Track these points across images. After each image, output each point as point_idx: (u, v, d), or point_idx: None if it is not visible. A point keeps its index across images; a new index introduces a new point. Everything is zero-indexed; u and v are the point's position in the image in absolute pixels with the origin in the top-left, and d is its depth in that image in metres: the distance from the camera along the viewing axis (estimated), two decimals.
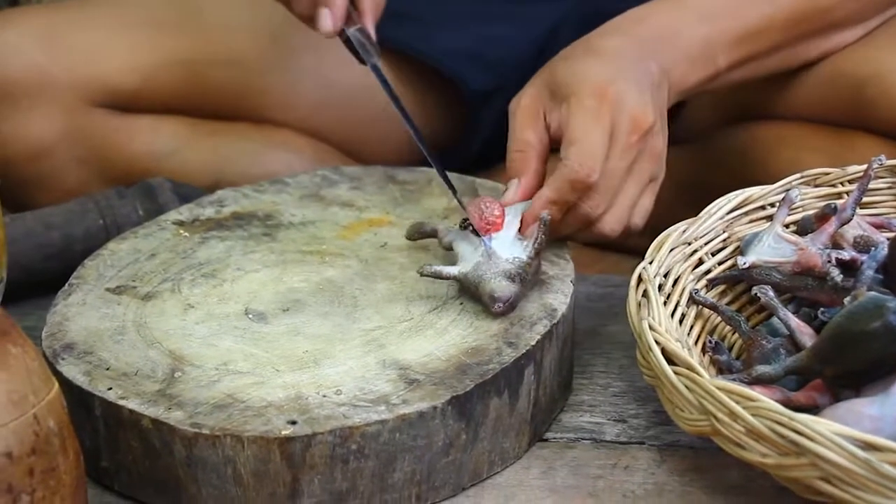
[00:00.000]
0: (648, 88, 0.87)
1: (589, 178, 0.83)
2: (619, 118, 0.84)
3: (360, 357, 0.79)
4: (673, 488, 0.78)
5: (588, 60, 0.87)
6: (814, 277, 0.83)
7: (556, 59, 0.90)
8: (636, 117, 0.85)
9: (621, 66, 0.87)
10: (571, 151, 0.84)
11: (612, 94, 0.84)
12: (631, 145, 0.85)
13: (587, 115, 0.84)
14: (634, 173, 0.86)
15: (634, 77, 0.86)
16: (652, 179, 0.87)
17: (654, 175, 0.87)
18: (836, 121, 0.99)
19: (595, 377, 0.88)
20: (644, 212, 0.88)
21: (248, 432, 0.73)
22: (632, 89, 0.85)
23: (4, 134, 1.03)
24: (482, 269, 0.81)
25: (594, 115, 0.84)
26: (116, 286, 0.87)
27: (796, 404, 0.76)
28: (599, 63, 0.87)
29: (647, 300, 0.79)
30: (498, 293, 0.79)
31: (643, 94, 0.86)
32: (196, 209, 0.96)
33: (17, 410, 0.64)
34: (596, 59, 0.87)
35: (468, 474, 0.78)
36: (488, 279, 0.80)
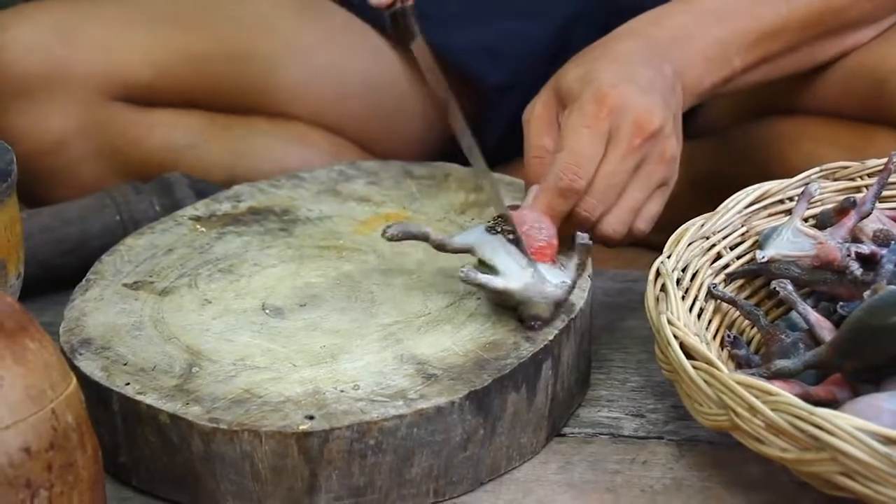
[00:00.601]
0: (659, 91, 0.86)
1: (573, 183, 0.83)
2: (621, 122, 0.84)
3: (377, 352, 0.79)
4: (692, 483, 0.77)
5: (597, 64, 0.87)
6: (833, 271, 0.83)
7: (568, 64, 0.89)
8: (640, 120, 0.84)
9: (631, 69, 0.86)
10: (557, 157, 0.84)
11: (613, 97, 0.84)
12: (634, 148, 0.84)
13: (581, 119, 0.84)
14: (640, 177, 0.85)
15: (644, 80, 0.86)
16: (662, 184, 0.87)
17: (663, 179, 0.86)
18: (855, 115, 0.98)
19: (613, 372, 0.88)
20: (650, 216, 0.87)
21: (265, 427, 0.73)
22: (637, 92, 0.84)
23: (21, 128, 1.03)
24: (531, 291, 0.79)
25: (590, 119, 0.84)
26: (134, 281, 0.87)
27: (816, 399, 0.75)
28: (608, 67, 0.86)
29: (666, 295, 0.79)
30: (544, 316, 0.80)
31: (650, 96, 0.85)
32: (213, 204, 0.96)
33: (36, 405, 0.64)
34: (605, 63, 0.87)
35: (486, 469, 0.78)
36: (537, 302, 0.79)
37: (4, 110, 1.04)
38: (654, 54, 0.88)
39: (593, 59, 0.88)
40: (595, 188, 0.84)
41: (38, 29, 1.05)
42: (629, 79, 0.85)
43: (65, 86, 1.05)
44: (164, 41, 1.08)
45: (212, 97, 1.09)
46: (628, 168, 0.84)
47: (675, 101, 0.88)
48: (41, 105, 1.05)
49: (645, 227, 0.87)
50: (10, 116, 1.03)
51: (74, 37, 1.06)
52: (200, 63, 1.09)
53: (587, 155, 0.83)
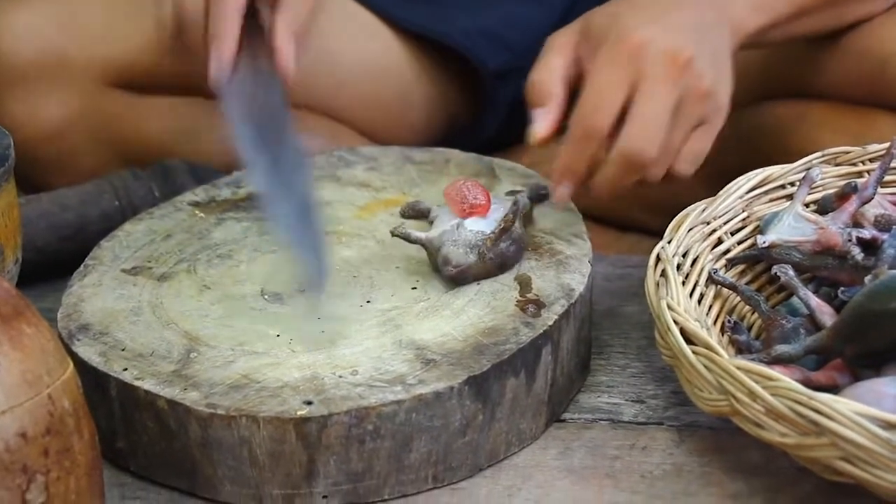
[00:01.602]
0: (690, 28, 0.83)
1: (595, 123, 0.81)
2: (648, 58, 0.81)
3: (376, 337, 0.78)
4: (691, 469, 0.77)
5: (628, 8, 0.84)
6: (834, 256, 0.82)
7: (597, 10, 0.86)
8: (668, 52, 0.81)
9: (660, 11, 0.83)
10: (580, 99, 0.82)
11: (637, 36, 0.81)
12: (669, 81, 0.81)
13: (604, 60, 0.81)
14: (678, 115, 0.82)
15: (673, 20, 0.83)
16: (702, 122, 0.83)
17: (703, 117, 0.83)
18: (856, 99, 0.98)
19: (613, 358, 0.87)
20: (693, 156, 0.84)
21: (263, 413, 0.73)
22: (662, 30, 0.82)
23: (19, 116, 1.03)
24: (446, 237, 0.82)
25: (613, 59, 0.81)
26: (132, 267, 0.87)
27: (816, 384, 0.75)
28: (636, 9, 0.84)
29: (666, 280, 0.79)
30: (451, 258, 0.81)
31: (678, 33, 0.82)
32: (212, 190, 0.96)
33: (32, 390, 0.64)
34: (637, 6, 0.84)
35: (485, 455, 0.77)
36: (448, 245, 0.82)
37: (2, 98, 1.03)
38: None
39: (624, 3, 0.85)
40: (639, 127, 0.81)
41: (35, 16, 1.05)
42: (656, 19, 0.82)
43: (62, 73, 1.05)
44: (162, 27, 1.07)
45: None
46: (667, 105, 0.81)
47: (714, 38, 0.84)
48: (39, 93, 1.05)
49: (689, 167, 0.84)
50: (8, 104, 1.03)
51: (72, 24, 1.05)
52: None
53: (609, 96, 0.81)
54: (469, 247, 0.81)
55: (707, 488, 0.76)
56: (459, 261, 0.81)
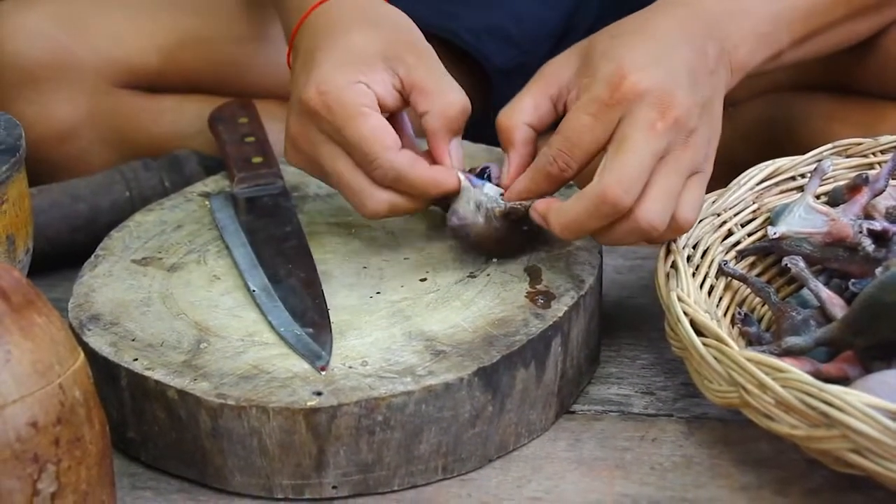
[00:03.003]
0: (690, 76, 0.79)
1: (562, 173, 0.78)
2: (637, 107, 0.77)
3: (386, 328, 0.78)
4: (701, 461, 0.77)
5: (628, 39, 0.80)
6: (845, 248, 0.82)
7: (603, 32, 0.83)
8: (660, 105, 0.76)
9: (663, 49, 0.79)
10: (553, 139, 0.79)
11: (630, 83, 0.77)
12: (656, 133, 0.77)
13: (588, 104, 0.78)
14: (669, 162, 0.78)
15: (676, 63, 0.79)
16: (695, 171, 0.79)
17: (696, 166, 0.78)
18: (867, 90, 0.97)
19: (623, 349, 0.87)
20: (693, 204, 0.79)
21: (273, 403, 0.73)
22: (660, 77, 0.78)
23: (29, 117, 1.03)
24: (465, 192, 0.81)
25: (597, 105, 0.77)
26: (142, 257, 0.87)
27: (826, 376, 0.75)
28: (637, 45, 0.79)
29: (676, 272, 0.79)
30: (459, 210, 0.81)
31: (676, 81, 0.78)
32: (222, 181, 0.96)
33: (43, 380, 0.64)
34: (636, 40, 0.80)
35: (494, 446, 0.77)
36: (463, 198, 0.81)
37: (12, 100, 1.04)
38: (699, 31, 0.81)
39: (628, 32, 0.82)
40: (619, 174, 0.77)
41: (44, 17, 1.05)
42: (656, 61, 0.79)
43: (71, 74, 1.05)
44: (171, 26, 1.07)
45: (219, 81, 1.09)
46: (652, 153, 0.77)
47: (711, 86, 0.80)
48: (48, 94, 1.05)
49: (691, 215, 0.79)
50: (18, 106, 1.03)
51: (80, 24, 1.06)
52: (207, 47, 1.08)
53: (584, 143, 0.78)
54: (479, 207, 0.81)
55: (717, 480, 0.75)
56: (465, 215, 0.81)
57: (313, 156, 0.82)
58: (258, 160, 0.95)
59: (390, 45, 0.82)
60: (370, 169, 0.80)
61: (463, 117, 0.82)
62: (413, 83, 0.82)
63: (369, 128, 0.80)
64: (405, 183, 0.80)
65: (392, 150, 0.80)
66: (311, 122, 0.81)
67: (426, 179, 0.81)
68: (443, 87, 0.82)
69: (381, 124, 0.80)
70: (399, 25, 0.85)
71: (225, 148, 0.97)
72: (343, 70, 0.81)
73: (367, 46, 0.82)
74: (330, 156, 0.81)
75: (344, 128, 0.80)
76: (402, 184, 0.80)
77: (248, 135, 0.98)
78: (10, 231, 0.81)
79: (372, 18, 0.84)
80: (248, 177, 0.93)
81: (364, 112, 0.80)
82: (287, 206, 0.90)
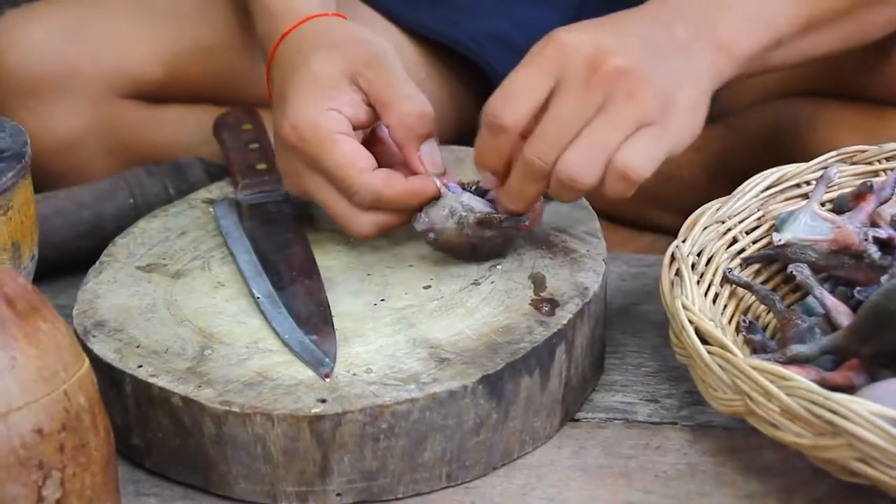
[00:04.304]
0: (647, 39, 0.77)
1: (496, 119, 0.77)
2: (570, 61, 0.75)
3: (390, 336, 0.78)
4: (706, 469, 0.77)
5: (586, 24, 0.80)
6: (850, 256, 0.82)
7: None
8: (595, 56, 0.75)
9: (616, 24, 0.79)
10: (494, 94, 0.78)
11: (564, 38, 0.76)
12: (587, 87, 0.75)
13: (526, 64, 0.77)
14: (604, 115, 0.75)
15: (624, 30, 0.78)
16: (644, 123, 0.76)
17: (641, 118, 0.75)
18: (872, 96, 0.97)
19: (627, 357, 0.87)
20: (639, 154, 0.75)
21: (277, 410, 0.73)
22: (598, 34, 0.76)
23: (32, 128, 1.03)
24: (439, 201, 0.82)
25: (529, 56, 0.77)
26: (147, 264, 0.87)
27: (832, 384, 0.75)
28: (596, 25, 0.79)
29: (681, 279, 0.79)
30: (431, 214, 0.82)
31: (619, 39, 0.76)
32: (226, 187, 0.96)
33: (48, 387, 0.64)
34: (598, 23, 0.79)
35: (499, 454, 0.77)
36: (438, 204, 0.82)
37: (15, 110, 1.04)
38: (666, 15, 0.80)
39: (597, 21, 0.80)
40: (540, 131, 0.76)
41: (47, 28, 1.05)
42: (601, 28, 0.78)
43: (75, 85, 1.05)
44: (173, 36, 1.08)
45: (222, 91, 1.09)
46: (582, 107, 0.75)
47: (681, 53, 0.78)
48: (52, 105, 1.05)
49: (637, 165, 0.75)
50: (21, 116, 1.03)
51: (83, 35, 1.06)
52: (210, 56, 1.08)
53: (516, 90, 0.76)
54: (452, 213, 0.82)
55: (721, 488, 0.75)
56: (435, 220, 0.82)
57: (301, 186, 0.84)
58: (262, 167, 0.95)
59: (349, 63, 0.84)
60: (350, 194, 0.82)
61: (422, 121, 0.82)
62: (374, 98, 0.83)
63: (341, 154, 0.81)
64: (384, 201, 0.82)
65: (365, 172, 0.81)
66: (293, 156, 0.83)
67: (403, 193, 0.82)
68: (398, 96, 0.83)
69: (352, 148, 0.82)
70: (355, 41, 0.86)
71: (229, 154, 0.97)
72: (311, 100, 0.82)
73: (330, 70, 0.83)
74: (314, 186, 0.83)
75: (319, 158, 0.82)
76: (381, 203, 0.82)
77: (252, 141, 0.98)
78: (16, 238, 0.81)
79: (329, 42, 0.86)
80: (252, 183, 0.93)
81: (336, 139, 0.82)
82: (291, 213, 0.90)
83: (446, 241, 0.83)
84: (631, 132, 0.76)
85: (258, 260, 0.85)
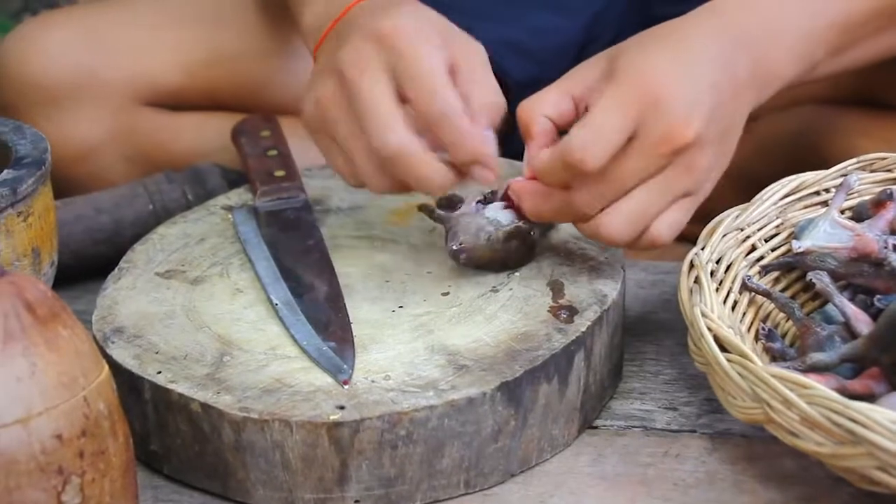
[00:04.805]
0: (712, 97, 0.78)
1: (584, 163, 0.76)
2: (651, 123, 0.76)
3: (408, 342, 0.78)
4: (725, 477, 0.77)
5: (659, 45, 0.79)
6: (870, 264, 0.82)
7: (632, 40, 0.81)
8: (672, 130, 0.76)
9: (693, 63, 0.78)
10: (578, 131, 0.77)
11: (655, 88, 0.76)
12: (658, 156, 0.77)
13: (614, 100, 0.76)
14: (658, 181, 0.78)
15: (701, 81, 0.77)
16: (687, 194, 0.79)
17: (689, 190, 0.78)
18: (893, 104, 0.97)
19: (646, 364, 0.87)
20: (672, 226, 0.79)
21: (296, 417, 0.73)
22: (684, 94, 0.77)
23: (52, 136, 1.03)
24: (463, 217, 0.83)
25: (623, 103, 0.76)
26: (166, 270, 0.87)
27: (852, 392, 0.74)
28: (668, 53, 0.78)
29: (699, 287, 0.78)
30: (460, 235, 0.82)
31: (697, 103, 0.77)
32: (245, 194, 0.96)
33: (68, 392, 0.64)
34: (668, 47, 0.78)
35: (517, 461, 0.77)
36: (463, 223, 0.82)
37: (35, 118, 1.04)
38: (734, 47, 0.79)
39: (659, 38, 0.79)
40: (598, 181, 0.77)
41: (67, 36, 1.06)
42: (684, 75, 0.77)
43: (94, 93, 1.05)
44: (193, 43, 1.08)
45: (241, 98, 1.09)
46: (644, 171, 0.77)
47: (734, 111, 0.79)
48: (71, 112, 1.06)
49: (665, 235, 0.79)
50: (41, 124, 1.03)
51: (103, 43, 1.06)
52: (230, 63, 1.09)
53: (608, 139, 0.76)
54: (481, 231, 0.82)
55: (740, 497, 0.75)
56: (466, 240, 0.82)
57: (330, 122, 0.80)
58: (281, 174, 0.95)
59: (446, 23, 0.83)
60: (426, 102, 0.78)
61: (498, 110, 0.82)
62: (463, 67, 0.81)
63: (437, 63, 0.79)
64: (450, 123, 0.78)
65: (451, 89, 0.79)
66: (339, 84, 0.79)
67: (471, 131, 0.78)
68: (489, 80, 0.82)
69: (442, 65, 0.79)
70: None
71: (247, 161, 0.98)
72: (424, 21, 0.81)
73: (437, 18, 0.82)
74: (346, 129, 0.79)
75: (411, 58, 0.78)
76: (446, 124, 0.78)
77: (271, 148, 0.98)
78: (36, 244, 0.81)
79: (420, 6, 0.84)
80: (270, 190, 0.93)
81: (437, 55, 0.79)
82: (309, 220, 0.91)
83: (478, 258, 0.83)
84: (675, 202, 0.79)
85: (276, 266, 0.85)
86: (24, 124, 0.86)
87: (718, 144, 0.79)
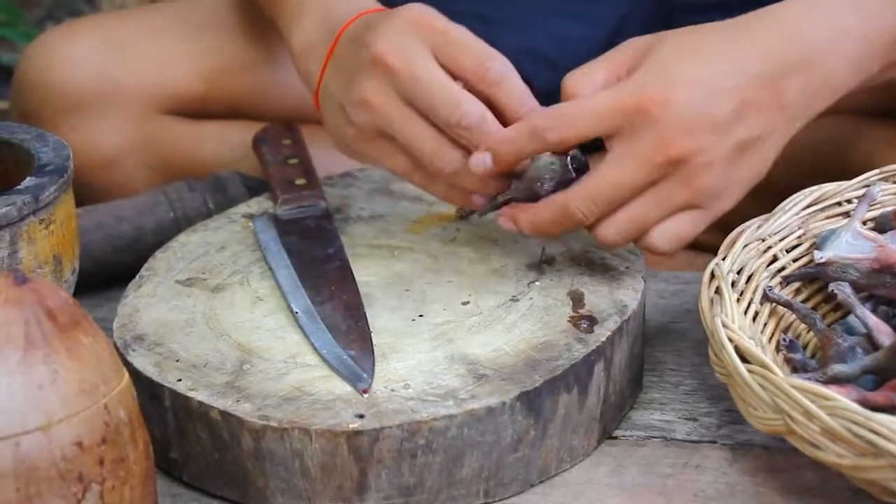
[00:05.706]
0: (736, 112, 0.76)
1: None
2: (647, 131, 0.76)
3: (428, 351, 0.78)
4: (745, 488, 0.76)
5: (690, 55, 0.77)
6: (892, 275, 0.81)
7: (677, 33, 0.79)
8: (666, 140, 0.75)
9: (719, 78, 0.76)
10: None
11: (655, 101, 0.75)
12: (652, 165, 0.76)
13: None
14: (655, 193, 0.78)
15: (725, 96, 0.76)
16: (689, 207, 0.78)
17: (690, 202, 0.78)
18: None
19: (666, 375, 0.87)
20: (671, 238, 0.79)
21: (315, 425, 0.73)
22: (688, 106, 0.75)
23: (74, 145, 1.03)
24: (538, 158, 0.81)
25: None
26: (186, 278, 0.87)
27: (873, 404, 0.74)
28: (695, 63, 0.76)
29: (720, 297, 0.78)
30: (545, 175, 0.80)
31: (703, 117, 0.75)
32: (265, 202, 0.96)
33: (89, 400, 0.64)
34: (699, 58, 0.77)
35: (536, 471, 0.77)
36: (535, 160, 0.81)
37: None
38: (788, 63, 0.77)
39: (701, 41, 0.77)
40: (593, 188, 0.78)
41: (89, 45, 1.06)
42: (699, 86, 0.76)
43: (116, 101, 1.06)
44: (214, 52, 1.08)
45: (262, 106, 1.09)
46: (637, 181, 0.77)
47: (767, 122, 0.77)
48: (93, 121, 1.06)
49: (664, 246, 0.79)
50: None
51: (125, 52, 1.07)
52: (251, 71, 1.09)
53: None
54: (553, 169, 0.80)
55: None
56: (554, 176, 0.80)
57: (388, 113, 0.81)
58: (301, 182, 0.95)
59: None
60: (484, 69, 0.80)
61: None
62: None
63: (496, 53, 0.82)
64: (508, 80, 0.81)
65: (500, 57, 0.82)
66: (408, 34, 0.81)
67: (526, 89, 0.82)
68: None
69: None
70: None
71: (268, 169, 0.98)
72: None
73: None
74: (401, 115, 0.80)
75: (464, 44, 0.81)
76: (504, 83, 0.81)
77: (292, 156, 0.98)
78: (58, 251, 0.82)
79: None
80: (291, 198, 0.93)
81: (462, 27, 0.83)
82: (330, 228, 0.91)
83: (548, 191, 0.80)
84: (674, 213, 0.79)
85: (297, 275, 0.86)
86: (46, 132, 0.87)
87: (733, 161, 0.78)
